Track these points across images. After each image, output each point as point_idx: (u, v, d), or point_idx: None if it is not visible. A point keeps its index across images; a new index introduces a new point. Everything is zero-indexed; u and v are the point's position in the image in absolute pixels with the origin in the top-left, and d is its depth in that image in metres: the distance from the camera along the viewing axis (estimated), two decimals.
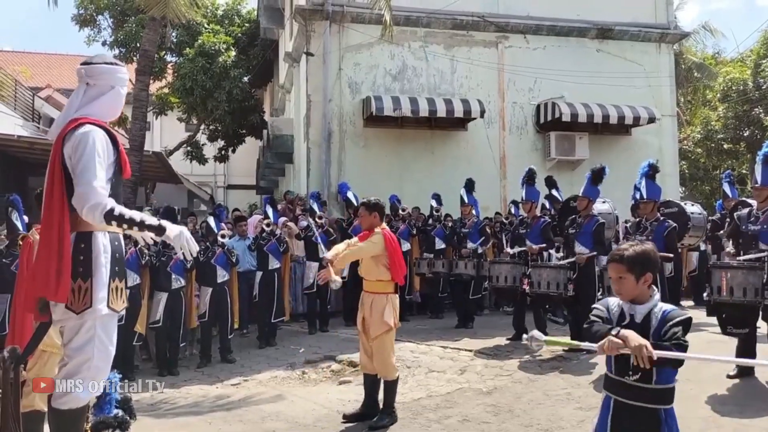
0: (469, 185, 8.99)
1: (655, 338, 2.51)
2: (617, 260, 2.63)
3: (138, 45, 15.22)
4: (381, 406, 4.90)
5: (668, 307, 2.60)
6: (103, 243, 2.87)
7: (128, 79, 3.16)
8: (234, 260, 8.03)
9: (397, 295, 5.03)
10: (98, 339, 2.82)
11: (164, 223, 2.93)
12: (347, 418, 4.95)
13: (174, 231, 2.91)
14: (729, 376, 5.35)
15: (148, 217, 2.89)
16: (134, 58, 15.55)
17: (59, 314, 2.82)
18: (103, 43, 18.71)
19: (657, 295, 2.63)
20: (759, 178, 5.38)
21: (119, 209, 2.75)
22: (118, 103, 3.06)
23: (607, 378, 2.72)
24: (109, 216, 2.71)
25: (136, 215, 2.82)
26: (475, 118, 12.24)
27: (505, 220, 10.80)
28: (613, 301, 2.70)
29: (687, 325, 2.54)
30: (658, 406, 2.58)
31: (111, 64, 3.07)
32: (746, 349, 5.42)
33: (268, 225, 8.75)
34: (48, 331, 3.20)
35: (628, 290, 2.61)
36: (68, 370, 2.81)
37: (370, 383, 4.97)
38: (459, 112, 11.89)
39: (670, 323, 2.51)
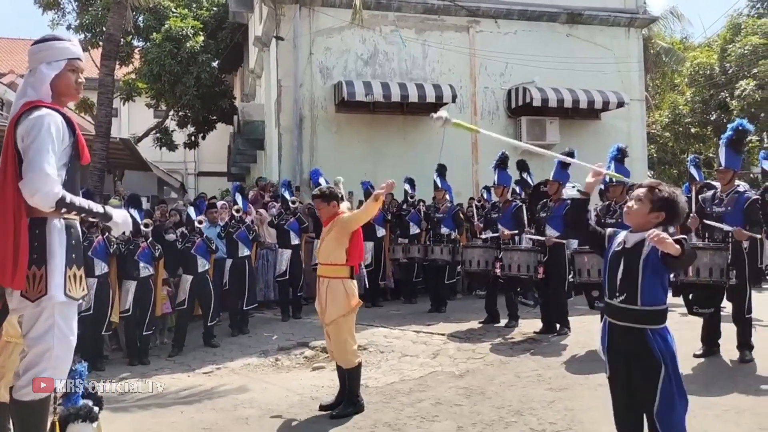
0: (442, 170, 9.01)
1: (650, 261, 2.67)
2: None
3: (104, 29, 14.85)
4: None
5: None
6: (57, 229, 2.80)
7: (54, 53, 2.93)
8: (213, 248, 7.99)
9: (354, 281, 4.84)
10: (57, 328, 2.76)
11: (109, 210, 2.98)
12: (323, 408, 4.86)
13: (119, 217, 2.98)
14: (695, 355, 5.47)
15: (95, 205, 2.93)
16: (100, 43, 15.21)
17: (15, 303, 2.76)
18: (68, 27, 18.17)
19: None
20: (722, 160, 5.48)
21: (70, 197, 2.75)
22: (41, 82, 2.89)
23: (604, 302, 2.86)
24: (61, 203, 2.70)
25: (85, 203, 2.85)
26: (446, 103, 12.20)
27: (478, 204, 10.83)
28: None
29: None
30: (644, 326, 2.66)
31: (36, 43, 2.98)
32: (711, 328, 5.56)
33: (237, 212, 8.68)
34: (10, 321, 3.12)
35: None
36: (28, 360, 2.74)
37: (343, 373, 4.91)
38: (431, 97, 11.85)
39: None
